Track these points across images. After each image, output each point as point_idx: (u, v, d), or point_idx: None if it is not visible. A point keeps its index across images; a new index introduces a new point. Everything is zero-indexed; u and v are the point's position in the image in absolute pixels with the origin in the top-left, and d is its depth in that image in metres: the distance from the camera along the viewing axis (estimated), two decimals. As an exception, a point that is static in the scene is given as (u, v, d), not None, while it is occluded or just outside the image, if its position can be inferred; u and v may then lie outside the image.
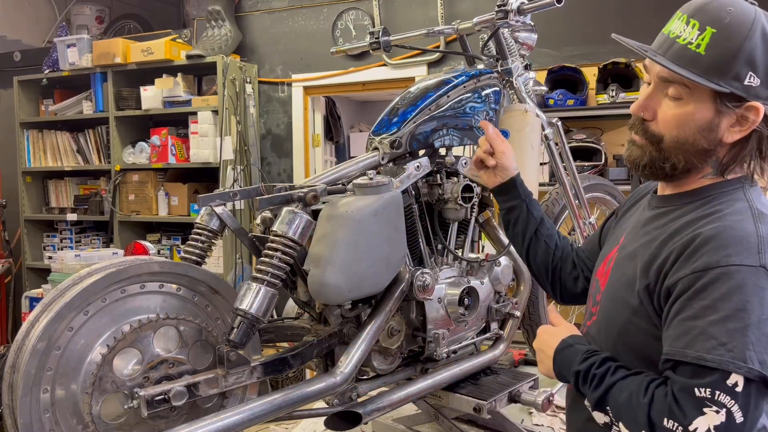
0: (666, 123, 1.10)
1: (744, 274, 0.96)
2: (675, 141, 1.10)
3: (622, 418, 1.04)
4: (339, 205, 1.60)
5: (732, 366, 0.93)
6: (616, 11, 3.65)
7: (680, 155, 1.10)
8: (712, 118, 1.06)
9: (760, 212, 1.05)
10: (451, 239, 1.96)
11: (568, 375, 1.16)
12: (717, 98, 1.05)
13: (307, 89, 4.54)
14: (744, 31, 1.03)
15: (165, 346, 1.42)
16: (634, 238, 1.20)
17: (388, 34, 2.15)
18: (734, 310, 0.95)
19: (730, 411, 0.93)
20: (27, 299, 4.51)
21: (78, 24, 5.27)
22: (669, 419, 0.96)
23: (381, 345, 1.72)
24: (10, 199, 4.98)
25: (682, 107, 1.08)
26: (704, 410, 0.94)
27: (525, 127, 1.88)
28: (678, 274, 1.02)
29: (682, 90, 1.07)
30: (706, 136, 1.07)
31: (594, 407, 1.10)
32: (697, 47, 1.05)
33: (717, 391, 0.93)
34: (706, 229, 1.02)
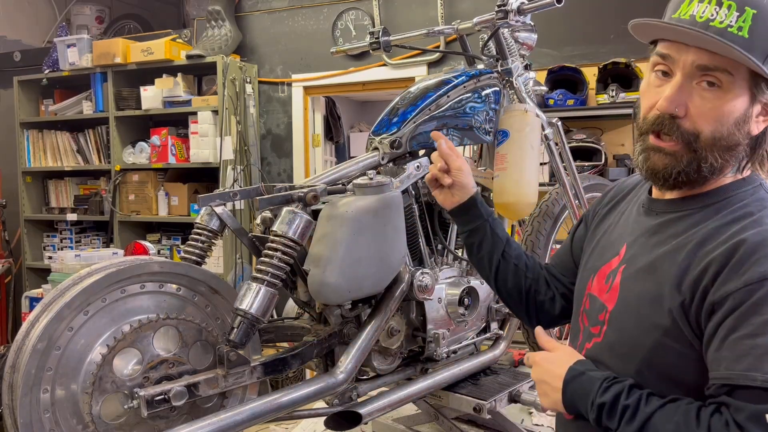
0: (703, 117, 0.97)
1: None
2: (712, 138, 0.97)
3: None
4: (339, 205, 1.60)
5: None
6: (616, 11, 3.64)
7: (716, 153, 0.98)
8: (747, 108, 0.97)
9: None
10: (451, 239, 1.96)
11: (585, 407, 1.01)
12: (754, 84, 0.96)
13: (307, 89, 4.54)
14: None
15: (165, 346, 1.42)
16: (643, 249, 1.07)
17: (388, 34, 2.15)
18: None
19: None
20: (27, 299, 4.51)
21: (78, 24, 5.26)
22: None
23: (381, 345, 1.72)
24: (10, 199, 4.98)
25: (723, 98, 0.96)
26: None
27: (525, 127, 1.88)
28: (726, 288, 0.91)
29: (722, 78, 0.95)
30: (741, 128, 0.98)
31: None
32: (738, 30, 0.93)
33: None
34: (749, 234, 0.92)
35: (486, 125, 1.94)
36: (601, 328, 1.11)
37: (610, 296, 1.10)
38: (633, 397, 0.96)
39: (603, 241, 1.21)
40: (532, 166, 1.88)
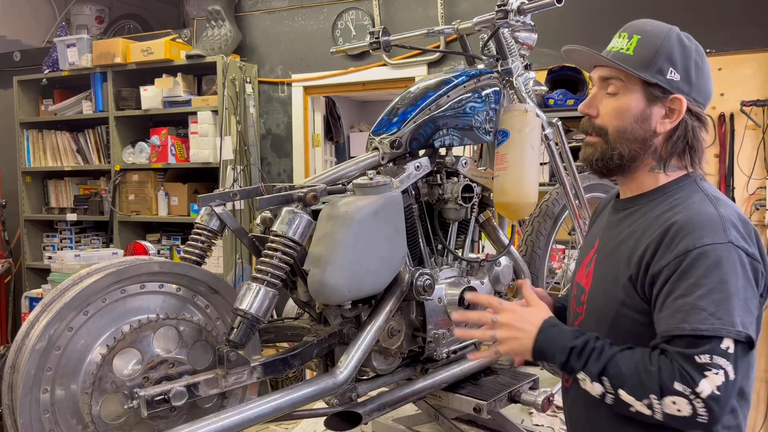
0: (607, 115, 1.29)
1: (718, 251, 1.12)
2: (617, 130, 1.27)
3: (625, 385, 1.13)
4: (339, 205, 1.60)
5: (724, 332, 1.07)
6: (616, 11, 3.65)
7: (624, 144, 1.27)
8: (644, 108, 1.26)
9: (715, 197, 1.22)
10: (451, 239, 1.96)
11: (554, 352, 1.22)
12: (646, 90, 1.25)
13: (307, 89, 4.54)
14: (662, 34, 1.26)
15: (165, 346, 1.42)
16: (609, 240, 1.34)
17: (388, 34, 2.15)
18: (716, 283, 1.10)
19: (727, 371, 1.07)
20: (27, 299, 4.51)
21: (78, 24, 5.26)
22: (679, 383, 1.08)
23: (381, 345, 1.72)
24: (10, 199, 4.98)
25: (619, 100, 1.27)
26: (706, 373, 1.07)
27: (525, 127, 1.88)
28: (662, 262, 1.15)
29: (618, 85, 1.27)
30: (642, 125, 1.26)
31: (594, 379, 1.16)
32: (627, 50, 1.27)
33: (714, 355, 1.07)
34: (678, 218, 1.17)
35: (486, 125, 1.94)
36: (583, 307, 1.37)
37: (588, 281, 1.37)
38: (599, 343, 1.19)
39: (587, 239, 1.49)
40: (532, 166, 1.88)
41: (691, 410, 1.07)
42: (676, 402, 1.08)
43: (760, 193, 3.40)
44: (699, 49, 1.28)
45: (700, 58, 1.28)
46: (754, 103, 3.33)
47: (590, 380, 1.17)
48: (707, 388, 1.06)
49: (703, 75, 1.28)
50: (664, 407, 1.09)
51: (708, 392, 1.06)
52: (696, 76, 1.26)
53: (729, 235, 1.13)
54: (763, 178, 3.40)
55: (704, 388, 1.06)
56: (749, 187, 3.42)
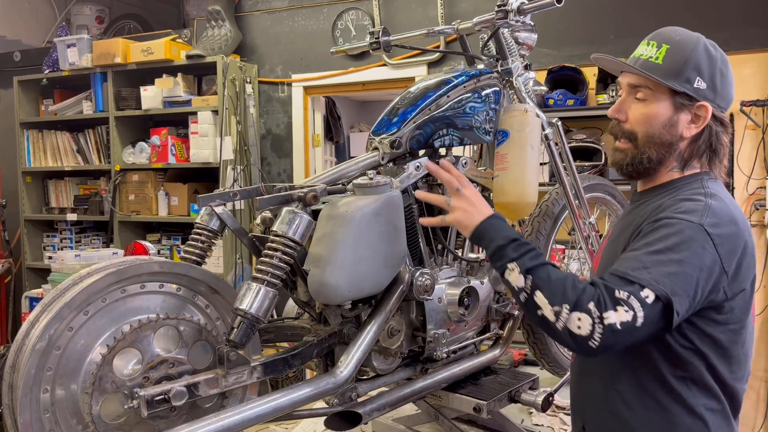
0: (637, 121, 1.35)
1: (684, 225, 1.20)
2: (646, 135, 1.34)
3: (545, 289, 1.20)
4: (339, 205, 1.60)
5: (647, 283, 1.15)
6: (616, 11, 3.65)
7: (652, 148, 1.34)
8: (672, 115, 1.32)
9: (711, 192, 1.29)
10: (451, 239, 1.96)
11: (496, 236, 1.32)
12: (674, 98, 1.31)
13: (307, 89, 4.54)
14: (691, 45, 1.32)
15: (165, 346, 1.42)
16: (617, 228, 1.44)
17: (388, 34, 2.15)
18: (665, 248, 1.18)
19: (636, 315, 1.14)
20: (27, 299, 4.51)
21: (78, 24, 5.26)
22: (593, 303, 1.15)
23: (381, 345, 1.72)
24: (10, 199, 4.98)
25: (648, 107, 1.33)
26: (617, 307, 1.14)
27: (525, 127, 1.88)
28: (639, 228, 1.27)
29: (646, 92, 1.33)
30: (669, 130, 1.33)
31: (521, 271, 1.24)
32: (656, 59, 1.32)
33: (633, 296, 1.14)
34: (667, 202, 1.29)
35: (486, 125, 1.94)
36: None
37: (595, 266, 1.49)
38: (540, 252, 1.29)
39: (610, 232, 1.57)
40: (532, 166, 1.88)
41: (590, 331, 1.14)
42: (581, 319, 1.15)
43: (760, 193, 3.40)
44: (724, 58, 1.34)
45: (725, 66, 1.34)
46: (753, 103, 3.33)
47: (518, 271, 1.24)
48: (613, 318, 1.13)
49: (727, 82, 1.34)
50: (569, 321, 1.16)
51: (611, 321, 1.13)
52: (720, 84, 1.32)
53: (703, 219, 1.20)
54: (763, 178, 3.40)
55: (610, 316, 1.13)
56: (749, 187, 3.42)
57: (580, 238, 2.21)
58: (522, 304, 1.25)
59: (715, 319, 1.24)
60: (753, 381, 3.38)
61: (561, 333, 1.17)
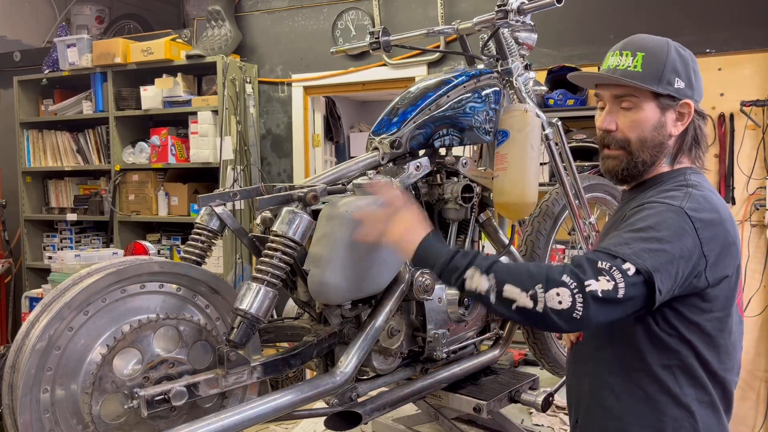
0: (628, 128, 1.40)
1: (665, 208, 1.25)
2: (638, 140, 1.39)
3: (511, 279, 1.20)
4: (339, 205, 1.60)
5: (627, 257, 1.17)
6: (616, 11, 3.65)
7: (646, 151, 1.39)
8: (659, 117, 1.38)
9: (693, 183, 1.35)
10: (451, 239, 1.96)
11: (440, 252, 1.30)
12: (658, 100, 1.37)
13: (307, 89, 4.54)
14: (664, 49, 1.38)
15: (165, 346, 1.42)
16: (608, 226, 1.49)
17: (388, 34, 2.15)
18: (646, 227, 1.22)
19: (617, 285, 1.15)
20: (27, 299, 4.51)
21: (78, 24, 5.26)
22: (566, 276, 1.16)
23: (381, 345, 1.72)
24: (10, 199, 4.98)
25: (636, 113, 1.39)
26: (599, 277, 1.16)
27: (525, 127, 1.88)
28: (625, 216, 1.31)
29: (632, 100, 1.38)
30: (659, 131, 1.39)
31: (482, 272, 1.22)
32: (634, 67, 1.38)
33: (614, 267, 1.16)
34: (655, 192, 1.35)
35: (486, 125, 1.94)
36: None
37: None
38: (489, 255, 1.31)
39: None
40: (532, 166, 1.88)
41: (571, 302, 1.14)
42: (559, 293, 1.15)
43: (760, 193, 3.40)
44: (692, 57, 1.42)
45: (695, 64, 1.42)
46: (753, 103, 3.33)
47: (478, 274, 1.22)
48: (595, 287, 1.14)
49: (699, 78, 1.42)
50: (547, 299, 1.15)
51: (594, 290, 1.14)
52: (695, 80, 1.40)
53: (684, 204, 1.25)
54: (763, 178, 3.40)
55: (592, 284, 1.15)
56: (749, 187, 3.42)
57: (580, 238, 2.21)
58: (494, 305, 1.21)
59: (700, 307, 1.27)
60: (753, 381, 3.38)
61: (544, 315, 1.16)
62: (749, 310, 3.42)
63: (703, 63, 1.43)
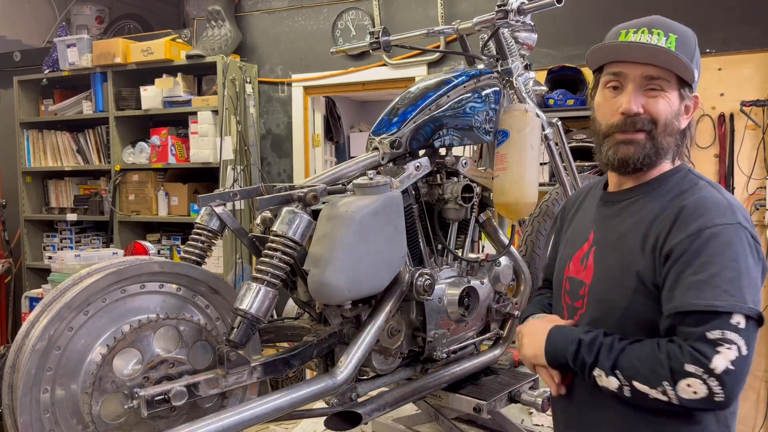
0: (657, 112, 1.28)
1: (729, 231, 1.16)
2: (664, 125, 1.28)
3: (637, 376, 1.14)
4: (339, 205, 1.60)
5: (736, 307, 1.09)
6: (616, 11, 3.65)
7: (667, 138, 1.29)
8: (679, 105, 1.30)
9: (715, 185, 1.28)
10: (451, 239, 1.96)
11: (565, 347, 1.26)
12: (681, 88, 1.29)
13: (307, 89, 4.54)
14: (691, 36, 1.31)
15: (165, 346, 1.42)
16: (609, 231, 1.34)
17: (388, 34, 2.15)
18: (729, 261, 1.13)
19: (739, 346, 1.08)
20: (27, 299, 4.51)
21: (78, 24, 5.26)
22: (690, 364, 1.09)
23: (381, 345, 1.72)
24: (10, 199, 4.98)
25: (664, 97, 1.28)
26: (718, 349, 1.08)
27: (525, 127, 1.88)
28: (674, 240, 1.18)
29: (662, 84, 1.27)
30: (678, 119, 1.30)
31: (608, 373, 1.18)
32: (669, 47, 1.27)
33: (726, 330, 1.08)
34: (688, 201, 1.22)
35: (486, 125, 1.94)
36: (583, 300, 1.36)
37: (587, 273, 1.36)
38: (609, 337, 1.22)
39: (571, 233, 1.48)
40: (532, 166, 1.88)
41: (707, 390, 1.08)
42: (690, 384, 1.09)
43: (760, 193, 3.40)
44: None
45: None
46: (753, 103, 3.33)
47: (605, 374, 1.19)
48: (721, 364, 1.07)
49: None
50: (679, 392, 1.10)
51: (723, 367, 1.07)
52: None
53: (738, 216, 1.18)
54: (763, 178, 3.40)
55: (718, 364, 1.07)
56: (749, 187, 3.42)
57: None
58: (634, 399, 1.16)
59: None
60: (753, 381, 3.38)
61: (685, 404, 1.10)
62: (749, 310, 3.41)
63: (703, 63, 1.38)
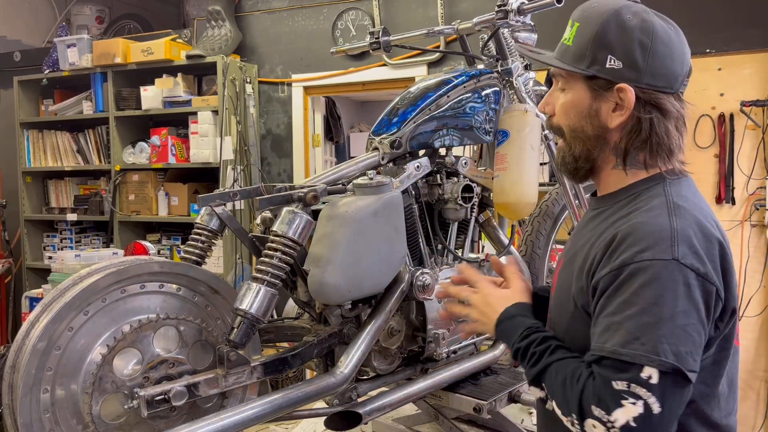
0: (559, 113, 1.19)
1: (657, 268, 0.99)
2: (569, 129, 1.17)
3: (555, 398, 1.06)
4: (339, 205, 1.60)
5: (645, 359, 0.96)
6: (616, 11, 3.65)
7: (578, 144, 1.17)
8: (591, 103, 1.14)
9: (676, 205, 1.07)
10: (451, 239, 1.96)
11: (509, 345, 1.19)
12: (588, 84, 1.14)
13: (307, 89, 4.54)
14: (598, 19, 1.13)
15: (165, 346, 1.42)
16: (573, 243, 1.24)
17: (388, 34, 2.15)
18: (648, 304, 0.98)
19: (647, 403, 0.95)
20: (27, 299, 4.51)
21: (78, 24, 5.26)
22: (597, 407, 0.99)
23: (381, 345, 1.72)
24: (10, 199, 4.98)
25: (566, 96, 1.17)
26: (622, 402, 0.96)
27: (525, 127, 1.88)
28: (600, 273, 1.06)
29: (563, 81, 1.18)
30: (591, 122, 1.15)
31: (531, 383, 1.12)
32: (567, 41, 1.17)
33: (632, 383, 0.96)
34: (624, 227, 1.06)
35: (486, 125, 1.94)
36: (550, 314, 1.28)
37: (554, 285, 1.28)
38: (542, 347, 1.12)
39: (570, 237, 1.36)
40: (532, 166, 1.88)
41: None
42: (595, 426, 0.99)
43: (760, 193, 3.40)
44: (645, 27, 1.11)
45: (647, 36, 1.10)
46: (753, 103, 3.33)
47: (530, 383, 1.13)
48: (621, 418, 0.96)
49: (656, 55, 1.10)
50: (586, 429, 1.00)
51: (622, 422, 0.96)
52: (644, 58, 1.10)
53: (676, 251, 1.00)
54: (763, 178, 3.40)
55: (618, 417, 0.96)
56: (749, 187, 3.42)
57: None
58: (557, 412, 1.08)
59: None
60: (753, 381, 3.38)
61: None
62: (749, 309, 3.42)
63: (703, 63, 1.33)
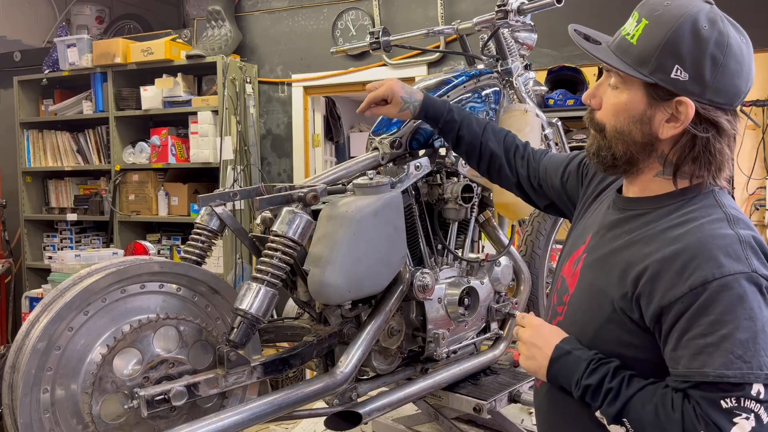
0: (606, 111, 1.14)
1: (741, 282, 0.98)
2: (614, 130, 1.12)
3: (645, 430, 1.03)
4: (339, 205, 1.60)
5: (752, 377, 0.96)
6: (616, 11, 3.64)
7: (620, 145, 1.12)
8: (645, 110, 1.08)
9: (735, 217, 1.06)
10: (451, 239, 1.96)
11: (569, 384, 1.12)
12: (649, 90, 1.07)
13: (307, 89, 4.54)
14: (672, 22, 1.04)
15: (165, 346, 1.42)
16: (602, 241, 1.19)
17: (388, 34, 2.15)
18: (742, 321, 0.97)
19: (759, 414, 0.96)
20: (27, 299, 4.51)
21: (78, 24, 5.26)
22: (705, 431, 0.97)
23: (381, 345, 1.72)
24: (10, 199, 4.98)
25: (619, 96, 1.11)
26: (734, 420, 0.96)
27: (525, 127, 1.88)
28: (673, 292, 1.01)
29: (617, 80, 1.11)
30: (641, 128, 1.09)
31: (611, 421, 1.07)
32: (632, 38, 1.08)
33: (743, 399, 0.96)
34: (690, 240, 1.02)
35: (486, 125, 1.94)
36: (564, 308, 1.24)
37: (573, 281, 1.22)
38: (616, 380, 1.06)
39: (580, 228, 1.33)
40: (532, 166, 1.88)
41: None
42: None
43: (760, 193, 3.40)
44: (721, 40, 1.04)
45: (720, 50, 1.03)
46: (754, 103, 3.33)
47: (608, 422, 1.07)
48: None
49: (726, 72, 1.04)
50: None
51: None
52: (712, 74, 1.04)
53: (752, 262, 0.99)
54: (763, 178, 3.40)
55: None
56: (749, 187, 3.42)
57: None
58: None
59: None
60: (753, 381, 3.37)
61: None
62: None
63: None
